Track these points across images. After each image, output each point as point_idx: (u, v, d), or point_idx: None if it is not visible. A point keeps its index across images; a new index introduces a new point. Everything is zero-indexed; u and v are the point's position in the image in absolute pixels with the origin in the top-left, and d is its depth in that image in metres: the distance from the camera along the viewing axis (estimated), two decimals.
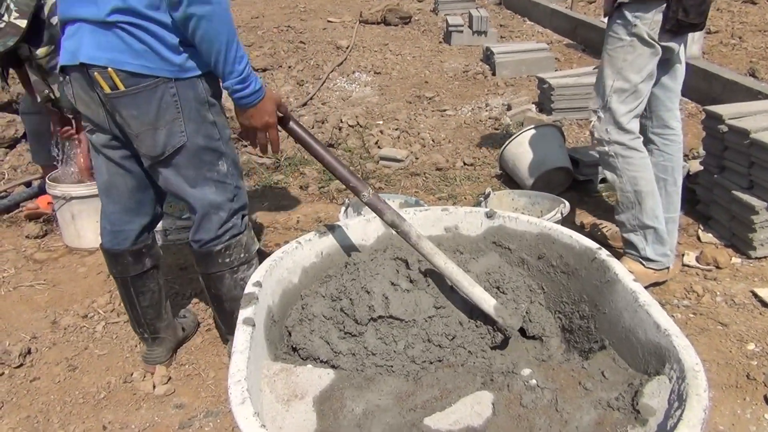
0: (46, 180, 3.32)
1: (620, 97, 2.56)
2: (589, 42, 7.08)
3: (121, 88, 1.79)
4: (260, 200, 3.86)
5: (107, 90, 1.79)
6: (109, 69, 1.76)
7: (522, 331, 1.79)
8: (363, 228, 1.95)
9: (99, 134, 2.01)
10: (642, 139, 2.65)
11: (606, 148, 2.63)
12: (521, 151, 3.75)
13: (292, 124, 1.88)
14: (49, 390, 2.37)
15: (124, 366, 2.48)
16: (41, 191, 3.71)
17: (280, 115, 1.91)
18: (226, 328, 2.27)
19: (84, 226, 3.32)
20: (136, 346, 2.59)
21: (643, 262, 2.73)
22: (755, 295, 2.72)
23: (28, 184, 3.87)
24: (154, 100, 1.81)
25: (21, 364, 2.48)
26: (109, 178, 2.10)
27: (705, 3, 2.44)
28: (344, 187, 3.88)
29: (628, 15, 2.46)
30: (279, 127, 1.92)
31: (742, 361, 2.37)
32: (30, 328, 2.72)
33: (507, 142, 3.85)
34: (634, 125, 2.62)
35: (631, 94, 2.55)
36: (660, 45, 2.48)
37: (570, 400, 1.39)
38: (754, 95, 4.32)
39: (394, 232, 1.89)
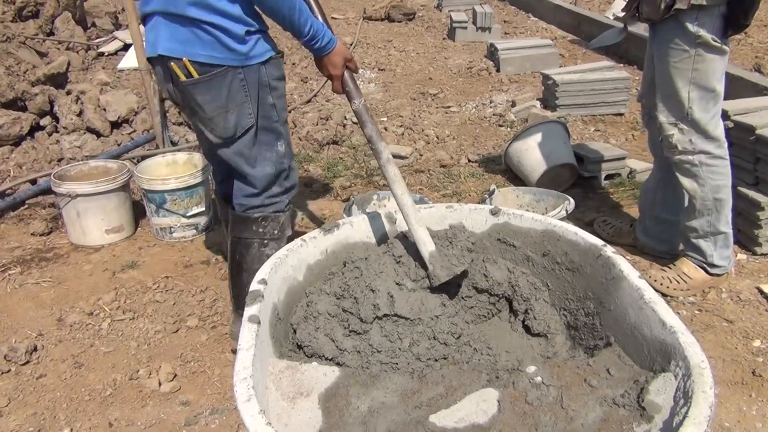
0: (51, 178, 3.33)
1: (701, 106, 2.48)
2: (594, 37, 7.03)
3: (195, 75, 2.00)
4: None
5: (183, 78, 2.01)
6: (184, 59, 1.98)
7: (527, 329, 1.79)
8: (367, 225, 1.95)
9: (183, 112, 2.23)
10: (727, 144, 2.58)
11: (691, 158, 2.56)
12: (526, 147, 3.75)
13: (347, 75, 2.05)
14: (55, 387, 2.38)
15: (129, 363, 2.49)
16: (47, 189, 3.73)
17: (348, 67, 2.07)
18: (236, 302, 2.35)
19: (89, 223, 3.33)
20: (141, 344, 2.60)
21: (708, 268, 2.71)
22: (761, 291, 2.72)
23: (33, 182, 3.88)
24: (224, 86, 2.03)
25: (27, 362, 2.49)
26: (202, 145, 2.43)
27: (758, 4, 2.36)
28: (349, 185, 3.91)
29: (688, 24, 2.37)
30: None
31: (747, 357, 2.36)
32: (36, 325, 2.73)
33: (511, 139, 3.84)
34: (720, 131, 2.55)
35: (712, 99, 2.48)
36: (727, 44, 2.41)
37: (575, 397, 1.39)
38: (759, 91, 4.30)
39: (397, 230, 1.89)
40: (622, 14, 2.78)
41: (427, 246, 1.72)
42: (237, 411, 1.23)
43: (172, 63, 2.01)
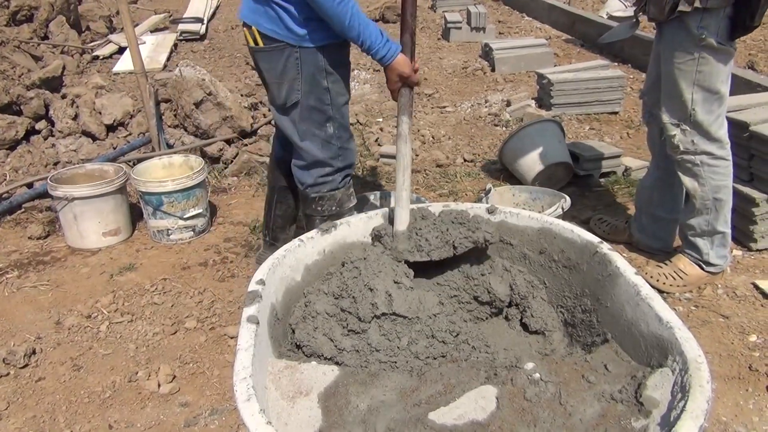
0: (48, 181, 3.33)
1: (705, 107, 2.47)
2: (588, 37, 7.07)
3: (261, 44, 2.28)
4: (262, 198, 3.87)
5: (251, 44, 2.31)
6: (253, 28, 2.26)
7: (525, 326, 1.80)
8: (365, 225, 1.95)
9: None
10: (729, 144, 2.58)
11: (693, 158, 2.57)
12: (521, 146, 3.76)
13: (405, 90, 2.10)
14: (54, 390, 2.38)
15: (128, 365, 2.49)
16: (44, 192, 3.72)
17: (407, 83, 2.14)
18: None
19: (86, 226, 3.33)
20: (140, 346, 2.61)
21: (703, 266, 2.73)
22: (756, 287, 2.73)
23: (30, 186, 3.88)
24: (281, 60, 2.26)
25: (26, 365, 2.50)
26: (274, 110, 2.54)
27: (765, 6, 2.33)
28: None
29: (693, 26, 2.36)
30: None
31: (744, 352, 2.38)
32: (34, 328, 2.73)
33: (507, 138, 3.85)
34: (723, 132, 2.55)
35: (716, 100, 2.48)
36: (733, 46, 2.40)
37: (573, 393, 1.40)
38: (753, 88, 4.33)
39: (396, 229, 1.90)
40: (621, 13, 2.78)
41: (397, 225, 1.82)
42: (237, 411, 1.24)
43: (245, 30, 2.30)
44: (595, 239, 1.72)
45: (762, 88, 4.27)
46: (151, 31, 7.82)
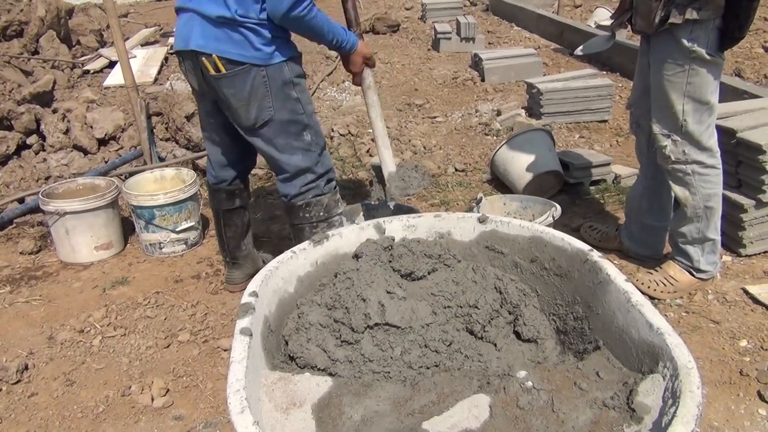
0: (39, 196, 3.32)
1: (695, 118, 2.49)
2: (576, 46, 7.10)
3: (223, 71, 2.26)
4: (254, 210, 3.88)
5: (212, 72, 2.27)
6: (214, 56, 2.24)
7: (517, 335, 1.81)
8: (357, 236, 1.96)
9: (203, 102, 2.57)
10: (719, 152, 2.60)
11: (684, 167, 2.58)
12: (511, 156, 3.78)
13: (365, 73, 2.56)
14: (47, 405, 2.37)
15: (121, 379, 2.49)
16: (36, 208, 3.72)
17: (367, 64, 2.55)
18: None
19: (78, 241, 3.32)
20: (133, 359, 2.60)
21: (694, 272, 2.74)
22: (746, 292, 2.75)
23: (21, 201, 3.87)
24: (248, 81, 2.28)
25: (18, 380, 2.48)
26: (209, 135, 2.69)
27: (753, 17, 2.36)
28: None
29: (683, 38, 2.37)
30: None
31: (735, 357, 2.39)
32: (26, 344, 2.72)
33: (497, 148, 3.88)
34: (714, 141, 2.57)
35: (706, 111, 2.49)
36: (722, 57, 2.42)
37: (566, 401, 1.40)
38: (740, 95, 4.37)
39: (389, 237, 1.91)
40: (609, 22, 2.80)
41: (389, 166, 1.88)
42: (231, 424, 1.24)
43: (202, 58, 2.26)
44: (585, 247, 1.74)
45: (749, 95, 4.32)
46: (142, 45, 7.84)
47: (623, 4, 2.62)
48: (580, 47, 3.00)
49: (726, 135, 2.98)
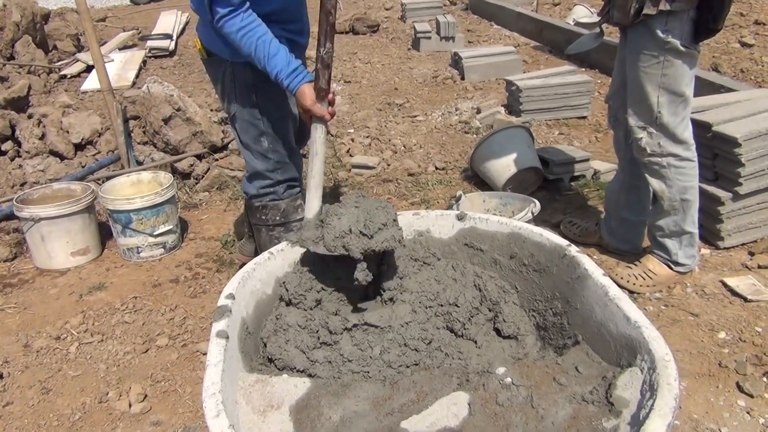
0: (14, 202, 3.27)
1: (670, 110, 2.50)
2: (555, 43, 7.16)
3: (204, 56, 2.38)
4: (234, 213, 3.84)
5: (202, 55, 2.38)
6: (197, 39, 2.37)
7: (497, 331, 1.80)
8: None
9: None
10: (695, 145, 2.61)
11: (659, 160, 2.59)
12: (491, 153, 3.78)
13: (314, 127, 1.98)
14: (23, 414, 2.33)
15: (98, 386, 2.45)
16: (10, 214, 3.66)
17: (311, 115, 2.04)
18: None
19: (54, 247, 3.27)
20: (110, 366, 2.56)
21: (672, 266, 2.76)
22: (725, 284, 2.77)
23: None
24: (220, 72, 2.35)
25: None
26: None
27: (728, 9, 2.37)
28: None
29: (657, 29, 2.38)
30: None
31: (713, 349, 2.40)
32: (1, 352, 2.67)
33: (477, 145, 3.88)
34: (689, 133, 2.58)
35: (681, 103, 2.50)
36: (697, 49, 2.43)
37: (545, 396, 1.40)
38: (716, 89, 4.41)
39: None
40: (595, 19, 2.80)
41: (312, 210, 1.79)
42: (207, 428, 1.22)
43: (197, 40, 2.38)
44: (563, 242, 1.73)
45: (725, 89, 4.35)
46: (120, 49, 7.76)
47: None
48: (570, 46, 3.00)
49: (702, 128, 3.00)
